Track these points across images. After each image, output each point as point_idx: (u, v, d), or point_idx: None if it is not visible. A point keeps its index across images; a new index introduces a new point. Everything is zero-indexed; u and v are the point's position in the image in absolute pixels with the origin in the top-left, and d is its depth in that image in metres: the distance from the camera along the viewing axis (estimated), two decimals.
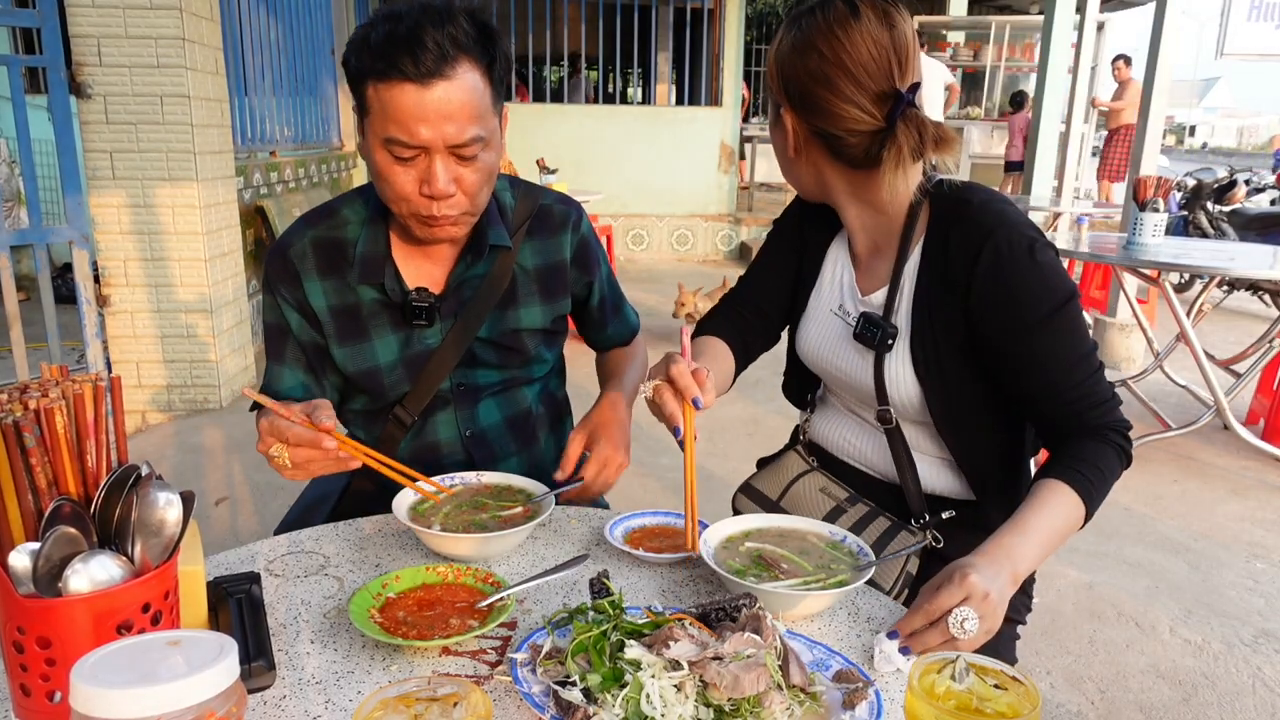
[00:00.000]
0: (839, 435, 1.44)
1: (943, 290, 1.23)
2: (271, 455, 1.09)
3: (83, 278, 3.92)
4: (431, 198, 1.23)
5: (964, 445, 1.30)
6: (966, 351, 1.24)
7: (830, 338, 1.38)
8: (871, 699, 0.85)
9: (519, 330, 1.43)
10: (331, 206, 1.41)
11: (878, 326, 1.28)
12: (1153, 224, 3.84)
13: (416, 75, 1.15)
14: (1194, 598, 2.80)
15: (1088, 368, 1.19)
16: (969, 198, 1.24)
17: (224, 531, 3.11)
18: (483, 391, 1.45)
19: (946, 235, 1.23)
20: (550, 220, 1.46)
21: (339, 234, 1.38)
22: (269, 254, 1.40)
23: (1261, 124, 29.00)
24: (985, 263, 1.18)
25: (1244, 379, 4.00)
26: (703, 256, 9.61)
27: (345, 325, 1.38)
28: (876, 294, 1.32)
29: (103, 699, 0.56)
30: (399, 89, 1.16)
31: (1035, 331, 1.18)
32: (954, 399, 1.27)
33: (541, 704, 0.83)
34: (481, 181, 1.26)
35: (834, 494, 1.38)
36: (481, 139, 1.22)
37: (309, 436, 1.06)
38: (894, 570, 1.29)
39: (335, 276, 1.37)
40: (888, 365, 1.29)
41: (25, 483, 0.76)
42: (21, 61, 3.97)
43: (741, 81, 9.52)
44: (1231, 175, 8.07)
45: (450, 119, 1.18)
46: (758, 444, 4.03)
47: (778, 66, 1.24)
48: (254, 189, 5.11)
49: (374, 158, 1.24)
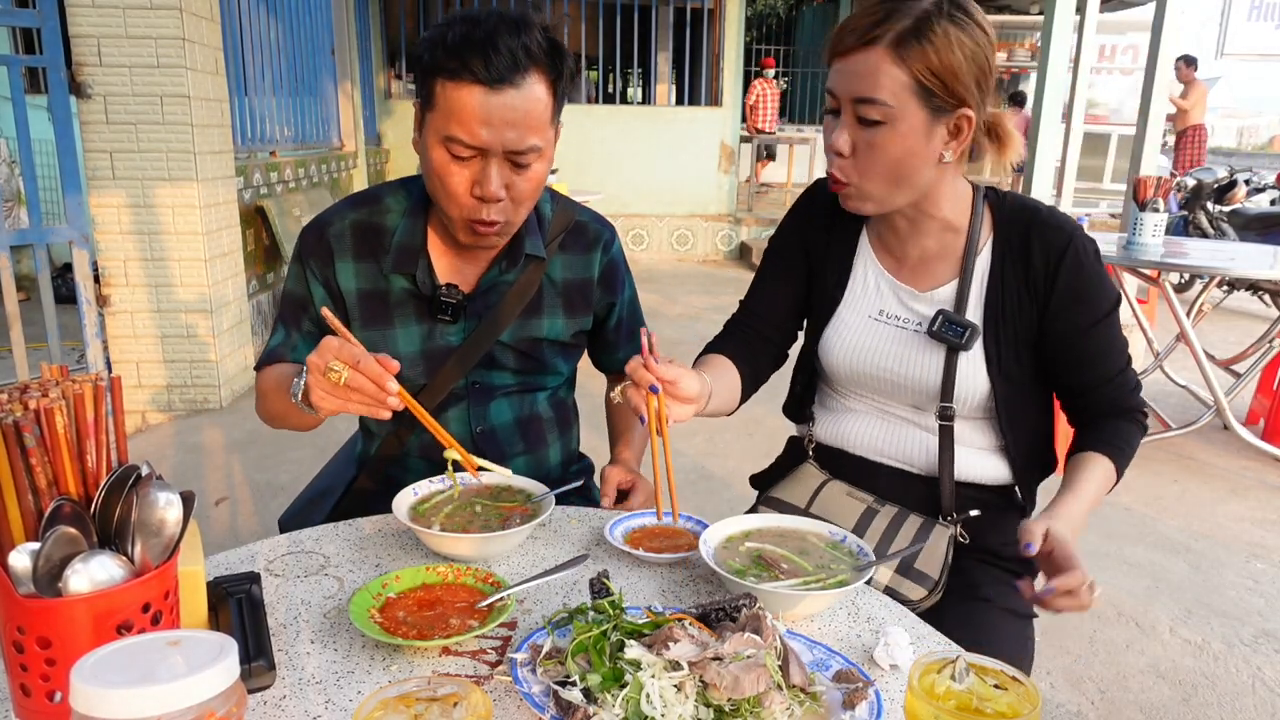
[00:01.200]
0: (866, 435, 1.43)
1: (1021, 288, 1.31)
2: (330, 368, 1.04)
3: (83, 278, 3.92)
4: (482, 199, 1.24)
5: (1015, 434, 1.36)
6: (1032, 347, 1.33)
7: (876, 343, 1.38)
8: (871, 699, 0.85)
9: (540, 339, 1.45)
10: (376, 193, 1.43)
11: (960, 325, 1.30)
12: (1153, 224, 3.84)
13: (487, 79, 1.17)
14: (1194, 598, 2.80)
15: (1126, 360, 1.35)
16: (1032, 204, 1.34)
17: (224, 531, 3.12)
18: (496, 391, 1.47)
19: (1027, 237, 1.31)
20: (584, 237, 1.49)
21: (380, 220, 1.40)
22: (306, 228, 1.41)
23: (1261, 124, 29.04)
24: (1069, 263, 1.28)
25: (1244, 379, 4.00)
26: (703, 256, 9.61)
27: (371, 310, 1.40)
28: (939, 291, 1.35)
29: (103, 699, 0.56)
30: (467, 90, 1.18)
31: (1097, 327, 1.30)
32: (1015, 392, 1.34)
33: (541, 704, 0.83)
34: (531, 191, 1.28)
35: (861, 497, 1.38)
36: (538, 149, 1.24)
37: (377, 371, 1.04)
38: (937, 561, 1.29)
39: (369, 260, 1.39)
40: (961, 362, 1.31)
41: (25, 483, 0.76)
42: (21, 61, 3.96)
43: (741, 81, 9.52)
44: (1231, 175, 8.06)
45: (513, 126, 1.20)
46: (758, 444, 4.03)
47: (969, 63, 1.19)
48: (254, 189, 5.11)
49: (430, 155, 1.25)
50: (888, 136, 1.20)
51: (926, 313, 1.35)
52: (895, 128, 1.20)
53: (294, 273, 1.43)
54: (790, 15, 15.28)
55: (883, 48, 1.17)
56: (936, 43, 1.17)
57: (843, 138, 1.23)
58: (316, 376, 1.06)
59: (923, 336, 1.34)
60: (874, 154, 1.22)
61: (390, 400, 1.05)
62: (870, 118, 1.20)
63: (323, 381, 1.05)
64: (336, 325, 1.07)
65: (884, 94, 1.18)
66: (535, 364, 1.47)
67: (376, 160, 8.24)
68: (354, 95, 7.29)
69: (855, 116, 1.21)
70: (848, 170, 1.25)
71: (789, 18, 15.30)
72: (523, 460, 1.50)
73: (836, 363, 1.41)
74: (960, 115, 1.22)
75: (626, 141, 9.25)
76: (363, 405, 1.06)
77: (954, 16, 1.18)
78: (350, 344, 1.05)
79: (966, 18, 1.19)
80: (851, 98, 1.20)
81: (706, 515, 1.26)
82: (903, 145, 1.21)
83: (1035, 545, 1.13)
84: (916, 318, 1.36)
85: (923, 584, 1.26)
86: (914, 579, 1.27)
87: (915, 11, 1.17)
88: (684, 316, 6.73)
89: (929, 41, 1.16)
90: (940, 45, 1.17)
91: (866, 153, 1.23)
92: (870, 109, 1.19)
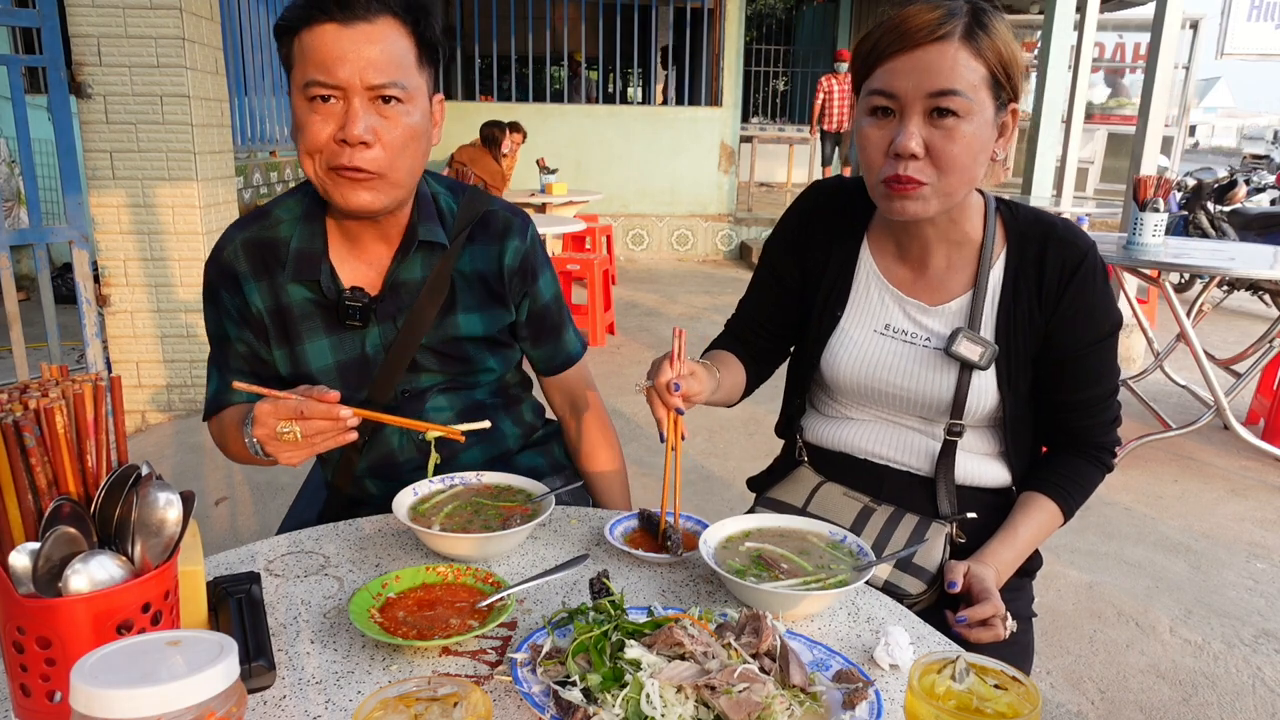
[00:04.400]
0: (867, 440, 1.41)
1: (1032, 302, 1.30)
2: (280, 434, 1.10)
3: (83, 278, 3.92)
4: (345, 142, 1.21)
5: (1018, 442, 1.38)
6: (1034, 361, 1.33)
7: (883, 358, 1.35)
8: (871, 699, 0.85)
9: (459, 338, 1.40)
10: (263, 209, 1.39)
11: (979, 344, 1.29)
12: (1153, 224, 3.84)
13: (340, 16, 1.19)
14: (1194, 598, 2.80)
15: (1115, 389, 1.36)
16: (1047, 217, 1.33)
17: (224, 531, 3.12)
18: (427, 392, 1.42)
19: (1042, 250, 1.29)
20: (493, 226, 1.42)
21: (271, 234, 1.36)
22: (206, 264, 1.38)
23: (1261, 124, 29.07)
24: (1081, 279, 1.28)
25: (1244, 379, 4.00)
26: (703, 256, 9.61)
27: (279, 327, 1.36)
28: (950, 305, 1.33)
29: (103, 699, 0.56)
30: (320, 30, 1.19)
31: (1095, 347, 1.30)
32: (1021, 406, 1.36)
33: (541, 704, 0.83)
34: (402, 140, 1.24)
35: (857, 497, 1.38)
36: (402, 89, 1.22)
37: (322, 409, 1.09)
38: (935, 559, 1.29)
39: (267, 278, 1.35)
40: (974, 378, 1.30)
41: (25, 483, 0.76)
42: (21, 61, 3.96)
43: (740, 81, 9.51)
44: (1231, 175, 8.07)
45: (370, 62, 1.20)
46: (758, 444, 4.03)
47: (1013, 57, 1.19)
48: (254, 189, 5.11)
49: (295, 113, 1.24)
50: (967, 130, 1.17)
51: (936, 327, 1.33)
52: (972, 120, 1.17)
53: (208, 315, 1.39)
54: (790, 15, 15.30)
55: (957, 41, 1.15)
56: (998, 35, 1.16)
57: (915, 138, 1.17)
58: (273, 445, 1.12)
59: (933, 352, 1.32)
60: (953, 149, 1.17)
61: (350, 423, 1.11)
62: (950, 108, 1.15)
63: (281, 445, 1.12)
64: (255, 390, 1.12)
65: (964, 86, 1.15)
66: (461, 364, 1.42)
67: None
68: None
69: (928, 112, 1.16)
70: (923, 170, 1.19)
71: (789, 18, 15.31)
72: (477, 450, 1.45)
73: (841, 377, 1.39)
74: (1011, 110, 1.22)
75: (626, 141, 9.26)
76: (329, 441, 1.13)
77: (995, 10, 1.18)
78: (281, 399, 1.10)
79: (1000, 10, 1.19)
80: (928, 92, 1.15)
81: (706, 515, 1.26)
82: (979, 139, 1.18)
83: (957, 585, 1.24)
84: (926, 333, 1.33)
85: (921, 578, 1.26)
86: (913, 573, 1.27)
87: (965, 8, 1.16)
88: (684, 316, 6.74)
89: (994, 33, 1.16)
90: (1002, 37, 1.17)
91: (945, 149, 1.17)
92: (952, 100, 1.15)
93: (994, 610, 1.20)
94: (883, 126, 1.20)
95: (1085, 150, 10.00)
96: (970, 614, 1.19)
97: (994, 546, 1.31)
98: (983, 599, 1.21)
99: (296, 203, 1.37)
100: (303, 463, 1.20)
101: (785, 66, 14.86)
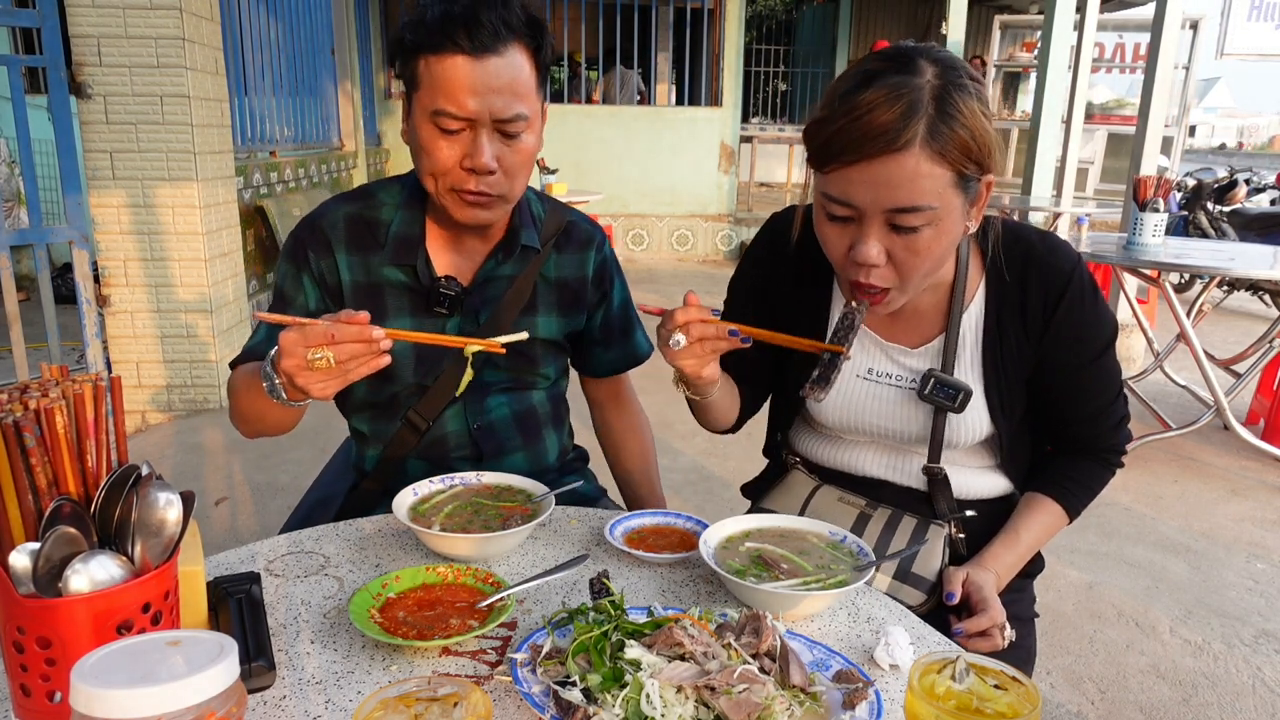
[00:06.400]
0: (859, 461, 1.39)
1: (1018, 331, 1.27)
2: (311, 360, 1.02)
3: (83, 278, 3.92)
4: (473, 171, 1.25)
5: (1015, 455, 1.36)
6: (1027, 383, 1.30)
7: (868, 401, 1.33)
8: (871, 699, 0.85)
9: (533, 338, 1.45)
10: (367, 189, 1.44)
11: (952, 388, 1.25)
12: (1153, 224, 3.84)
13: (470, 49, 1.20)
14: (1194, 598, 2.80)
15: (1117, 391, 1.33)
16: (1026, 236, 1.27)
17: (224, 531, 3.12)
18: (491, 387, 1.47)
19: (1022, 276, 1.25)
20: (576, 236, 1.50)
21: (373, 214, 1.40)
22: (299, 225, 1.41)
23: (1261, 124, 29.05)
24: (1069, 302, 1.24)
25: (1244, 379, 4.00)
26: (703, 257, 9.61)
27: (365, 303, 1.38)
28: (930, 345, 1.30)
29: (103, 699, 0.56)
30: (451, 61, 1.20)
31: (1093, 364, 1.28)
32: (1017, 428, 1.34)
33: (541, 704, 0.83)
34: (521, 164, 1.29)
35: (853, 502, 1.36)
36: (525, 118, 1.25)
37: (354, 331, 1.02)
38: (934, 566, 1.29)
39: (362, 254, 1.39)
40: (953, 420, 1.28)
41: (25, 483, 0.76)
42: (21, 61, 3.96)
43: (740, 81, 9.52)
44: (1231, 175, 8.07)
45: (499, 93, 1.22)
46: (758, 444, 4.02)
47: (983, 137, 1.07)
48: (254, 189, 5.11)
49: (419, 133, 1.26)
50: (932, 236, 1.09)
51: (920, 367, 1.30)
52: (938, 225, 1.09)
53: (285, 272, 1.40)
54: (790, 15, 15.29)
55: (917, 149, 1.03)
56: (966, 119, 1.05)
57: (874, 249, 1.09)
58: (304, 375, 1.03)
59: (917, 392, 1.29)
60: (918, 257, 1.11)
61: (383, 344, 1.04)
62: (911, 225, 1.07)
63: (313, 375, 1.03)
64: (280, 319, 1.06)
65: (928, 198, 1.05)
66: (527, 362, 1.48)
67: (376, 160, 8.23)
68: (354, 95, 7.29)
69: (889, 225, 1.09)
70: (885, 277, 1.13)
71: (789, 18, 15.31)
72: (521, 456, 1.49)
73: (828, 420, 1.37)
74: (985, 181, 1.13)
75: (626, 141, 9.25)
76: (363, 366, 1.05)
77: (959, 84, 1.06)
78: (309, 325, 1.02)
79: (966, 79, 1.07)
80: (886, 208, 1.07)
81: (706, 515, 1.26)
82: (948, 237, 1.11)
83: (955, 596, 1.22)
84: (910, 374, 1.30)
85: (920, 588, 1.26)
86: (912, 584, 1.26)
87: (927, 92, 1.04)
88: None
89: (958, 123, 1.04)
90: (970, 119, 1.05)
91: (908, 259, 1.11)
92: (914, 216, 1.06)
93: (991, 621, 1.18)
94: (842, 231, 1.13)
95: (1085, 150, 9.99)
96: (967, 626, 1.18)
97: (995, 549, 1.30)
98: (981, 609, 1.20)
99: (400, 189, 1.42)
100: (300, 415, 1.17)
101: (785, 66, 14.85)
